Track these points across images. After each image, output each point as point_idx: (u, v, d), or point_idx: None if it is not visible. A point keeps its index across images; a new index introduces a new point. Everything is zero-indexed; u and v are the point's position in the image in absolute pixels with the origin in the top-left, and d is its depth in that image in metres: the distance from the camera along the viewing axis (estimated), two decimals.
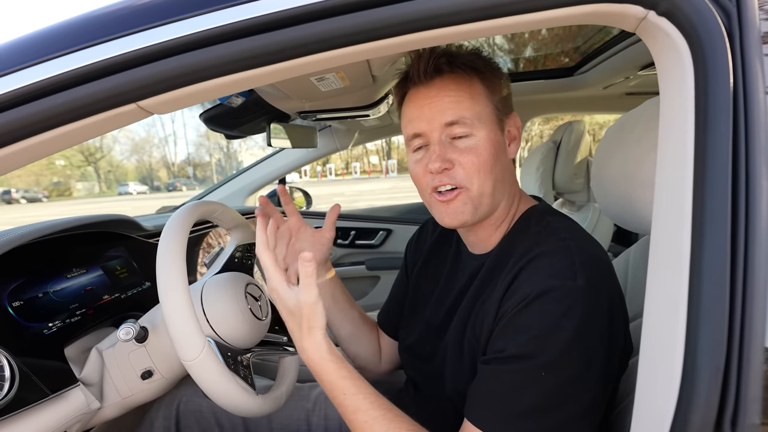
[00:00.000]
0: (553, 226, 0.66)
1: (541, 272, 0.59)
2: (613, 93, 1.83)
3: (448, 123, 0.65)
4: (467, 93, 0.65)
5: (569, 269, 0.58)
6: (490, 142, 0.65)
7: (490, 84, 0.68)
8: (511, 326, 0.59)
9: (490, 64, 0.69)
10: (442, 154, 0.65)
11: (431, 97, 0.66)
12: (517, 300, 0.59)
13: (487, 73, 0.68)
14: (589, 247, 0.63)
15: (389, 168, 37.76)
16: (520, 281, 0.61)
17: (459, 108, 0.65)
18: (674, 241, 0.44)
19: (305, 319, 0.62)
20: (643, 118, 0.67)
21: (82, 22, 0.47)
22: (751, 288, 0.41)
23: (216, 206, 0.85)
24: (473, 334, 0.66)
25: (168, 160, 53.80)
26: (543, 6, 0.44)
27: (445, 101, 0.65)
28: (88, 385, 0.79)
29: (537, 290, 0.58)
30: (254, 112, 1.20)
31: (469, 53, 0.68)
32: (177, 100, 0.49)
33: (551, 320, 0.56)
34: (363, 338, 0.93)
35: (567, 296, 0.56)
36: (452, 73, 0.66)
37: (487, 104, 0.66)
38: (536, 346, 0.56)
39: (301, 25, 0.45)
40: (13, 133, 0.44)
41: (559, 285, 0.57)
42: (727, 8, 0.42)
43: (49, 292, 0.82)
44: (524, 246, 0.64)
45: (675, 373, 0.42)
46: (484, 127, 0.65)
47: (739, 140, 0.42)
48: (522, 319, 0.58)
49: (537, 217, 0.70)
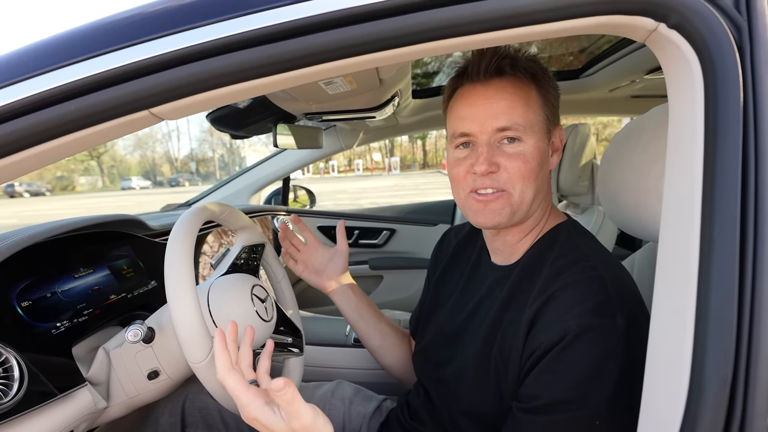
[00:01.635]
0: (582, 249, 0.66)
1: (576, 307, 0.57)
2: (619, 96, 1.83)
3: (500, 128, 0.64)
4: (524, 99, 0.64)
5: (607, 305, 0.56)
6: (537, 150, 0.65)
7: (545, 93, 0.67)
8: (550, 368, 0.57)
9: (547, 74, 0.68)
10: (490, 157, 0.64)
11: (487, 98, 0.65)
12: (553, 338, 0.57)
13: (544, 81, 0.67)
14: (620, 277, 0.62)
15: (392, 165, 37.74)
16: (551, 312, 0.59)
17: (513, 114, 0.64)
18: (682, 250, 0.45)
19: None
20: (650, 125, 0.67)
21: (96, 30, 0.47)
22: (760, 298, 0.41)
23: (223, 208, 0.86)
24: (500, 356, 0.64)
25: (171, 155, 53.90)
26: (557, 17, 0.44)
27: (501, 104, 0.64)
28: (95, 385, 0.80)
29: (576, 329, 0.56)
30: (261, 113, 1.20)
31: (529, 59, 0.67)
32: (189, 107, 0.50)
33: (596, 363, 0.54)
34: (394, 349, 0.92)
35: (609, 336, 0.55)
36: (513, 76, 0.65)
37: (539, 113, 0.66)
38: (582, 392, 0.54)
39: (314, 35, 0.45)
40: (30, 138, 0.45)
41: (599, 324, 0.55)
42: (738, 23, 0.42)
43: (57, 291, 0.83)
44: (553, 268, 0.63)
45: (682, 382, 0.42)
46: (534, 135, 0.65)
47: (749, 153, 0.42)
48: (563, 362, 0.56)
49: (565, 235, 0.69)
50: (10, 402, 0.64)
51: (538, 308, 0.60)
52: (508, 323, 0.65)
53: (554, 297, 0.60)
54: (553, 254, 0.66)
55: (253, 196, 2.15)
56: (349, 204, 13.75)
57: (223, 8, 0.46)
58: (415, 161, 46.19)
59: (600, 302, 0.57)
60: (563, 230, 0.70)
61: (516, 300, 0.66)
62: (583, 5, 0.44)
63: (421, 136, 38.46)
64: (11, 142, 0.45)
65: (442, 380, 0.75)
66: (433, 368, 0.78)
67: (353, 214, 2.36)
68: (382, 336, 0.91)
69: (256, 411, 0.54)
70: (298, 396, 0.54)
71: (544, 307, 0.60)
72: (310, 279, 0.96)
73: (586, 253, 0.65)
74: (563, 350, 0.56)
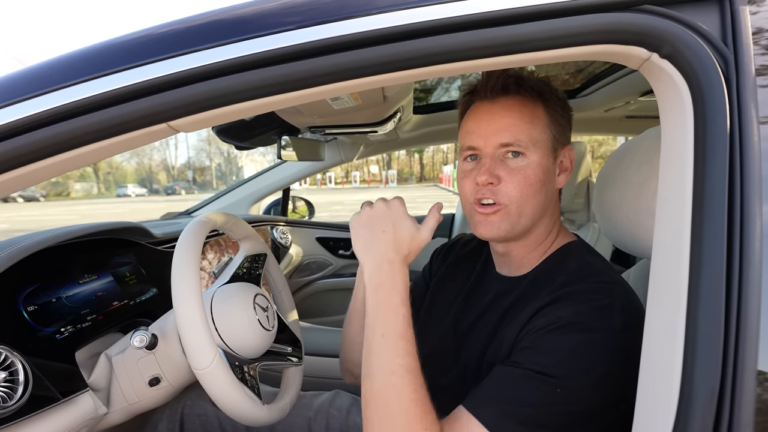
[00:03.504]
0: (595, 267, 0.67)
1: (579, 304, 0.59)
2: (614, 116, 1.87)
3: (503, 143, 0.67)
4: (528, 116, 0.67)
5: (609, 308, 0.58)
6: (540, 167, 0.67)
7: (553, 113, 0.69)
8: (536, 344, 0.59)
9: (556, 94, 0.70)
10: (491, 169, 0.67)
11: (493, 114, 0.68)
12: (547, 321, 0.59)
13: (552, 101, 0.69)
14: (628, 294, 0.63)
15: (389, 178, 37.83)
16: (554, 306, 0.61)
17: (516, 130, 0.66)
18: (673, 267, 0.47)
19: (412, 251, 0.66)
20: (644, 147, 0.70)
21: (118, 46, 0.50)
22: (745, 313, 0.43)
23: (229, 218, 0.88)
24: (493, 355, 0.66)
25: (168, 163, 53.81)
26: (555, 45, 0.47)
27: (505, 121, 0.67)
28: (96, 391, 0.80)
29: (570, 316, 0.58)
30: (266, 126, 1.23)
31: (538, 79, 0.70)
32: (205, 120, 0.52)
33: (582, 350, 0.56)
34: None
35: (600, 330, 0.56)
36: (518, 94, 0.68)
37: (545, 130, 0.68)
38: (560, 369, 0.56)
39: (329, 56, 0.48)
40: (55, 147, 0.47)
41: (595, 318, 0.57)
42: (725, 55, 0.45)
43: (62, 297, 0.84)
44: (563, 279, 0.65)
45: (672, 394, 0.44)
46: (537, 151, 0.67)
47: (735, 175, 0.45)
48: (550, 341, 0.58)
49: (577, 254, 0.70)
50: (14, 406, 0.65)
51: (541, 306, 0.62)
52: (506, 326, 0.67)
53: (561, 297, 0.61)
54: (566, 268, 0.67)
55: (253, 206, 2.16)
56: (346, 216, 13.72)
57: (241, 30, 0.48)
58: (412, 174, 46.39)
59: (602, 305, 0.58)
60: (574, 249, 0.71)
61: (517, 307, 0.67)
62: (581, 35, 0.47)
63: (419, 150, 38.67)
64: (38, 150, 0.47)
65: (444, 388, 0.75)
66: (436, 376, 0.78)
67: None
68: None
69: (407, 218, 0.68)
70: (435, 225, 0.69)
71: (549, 303, 0.62)
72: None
73: (599, 270, 0.66)
74: (552, 331, 0.58)
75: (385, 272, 0.63)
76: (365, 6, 0.48)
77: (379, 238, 0.66)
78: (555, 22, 0.47)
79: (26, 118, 0.47)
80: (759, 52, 0.45)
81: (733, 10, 0.45)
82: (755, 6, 0.46)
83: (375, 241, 0.66)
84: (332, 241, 2.30)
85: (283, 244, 2.04)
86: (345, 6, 0.48)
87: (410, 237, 0.66)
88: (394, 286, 0.63)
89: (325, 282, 2.30)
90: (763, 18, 0.46)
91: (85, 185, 45.89)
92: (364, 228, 0.68)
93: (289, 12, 0.49)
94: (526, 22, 0.47)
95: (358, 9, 0.48)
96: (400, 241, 0.65)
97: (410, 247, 0.66)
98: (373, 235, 0.66)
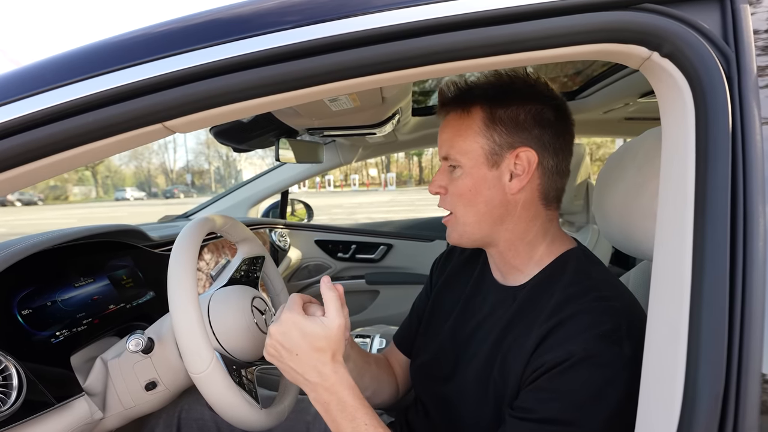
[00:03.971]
0: (595, 278, 0.66)
1: (585, 332, 0.58)
2: (612, 117, 1.87)
3: (443, 157, 0.72)
4: (457, 129, 0.69)
5: (616, 333, 0.57)
6: (471, 177, 0.68)
7: (492, 118, 0.66)
8: (549, 386, 0.58)
9: (505, 96, 0.67)
10: (438, 180, 0.73)
11: (440, 129, 0.73)
12: (558, 358, 0.58)
13: (496, 105, 0.66)
14: (631, 308, 0.62)
15: (388, 181, 37.85)
16: (560, 336, 0.60)
17: (448, 145, 0.70)
18: (676, 269, 0.46)
19: (335, 347, 0.62)
20: (644, 148, 0.70)
21: (113, 46, 0.49)
22: (749, 316, 0.42)
23: (226, 220, 0.87)
24: (500, 376, 0.65)
25: (167, 166, 53.80)
26: (554, 44, 0.47)
27: (443, 136, 0.71)
28: (92, 395, 0.79)
29: (581, 352, 0.56)
30: (264, 128, 1.22)
31: (485, 83, 0.68)
32: (201, 121, 0.51)
33: (596, 388, 0.55)
34: (384, 384, 0.89)
35: (614, 363, 0.56)
36: (456, 107, 0.70)
37: (476, 140, 0.67)
38: (578, 415, 0.55)
39: (325, 55, 0.47)
40: (49, 147, 0.46)
41: (605, 349, 0.56)
42: (727, 53, 0.44)
43: (57, 300, 0.83)
44: (564, 294, 0.64)
45: (676, 399, 0.43)
46: (468, 161, 0.68)
47: (737, 175, 0.44)
48: (563, 382, 0.57)
49: (576, 262, 0.69)
50: (8, 411, 0.64)
51: (547, 331, 0.61)
52: (510, 344, 0.65)
53: (564, 322, 0.60)
54: (565, 280, 0.66)
55: (252, 209, 2.16)
56: (344, 219, 13.75)
57: (237, 29, 0.48)
58: (411, 177, 46.42)
59: (609, 330, 0.57)
60: (573, 257, 0.70)
61: (521, 322, 0.66)
62: (580, 34, 0.46)
63: (418, 152, 38.74)
64: (32, 150, 0.46)
65: (443, 397, 0.75)
66: (435, 383, 0.77)
67: (351, 229, 2.38)
68: (372, 376, 0.86)
69: (300, 318, 0.62)
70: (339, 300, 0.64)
71: (554, 330, 0.60)
72: None
73: (599, 282, 0.65)
74: (565, 371, 0.57)
75: (324, 392, 0.61)
76: (362, 5, 0.48)
77: (298, 363, 0.62)
78: (554, 20, 0.46)
79: (20, 118, 0.46)
80: (760, 51, 0.44)
81: (734, 9, 0.45)
82: (756, 4, 0.45)
83: (296, 368, 0.62)
84: (331, 244, 2.29)
85: (281, 247, 2.03)
86: (342, 5, 0.48)
87: (323, 336, 0.61)
88: (340, 399, 0.61)
89: None
90: (764, 16, 0.46)
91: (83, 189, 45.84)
92: (280, 362, 0.64)
93: (286, 11, 0.49)
94: (524, 21, 0.46)
95: (355, 8, 0.47)
96: (318, 351, 0.61)
97: (330, 344, 0.61)
98: (291, 362, 0.62)
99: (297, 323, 0.61)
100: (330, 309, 0.63)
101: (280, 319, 0.63)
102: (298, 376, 0.62)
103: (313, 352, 0.61)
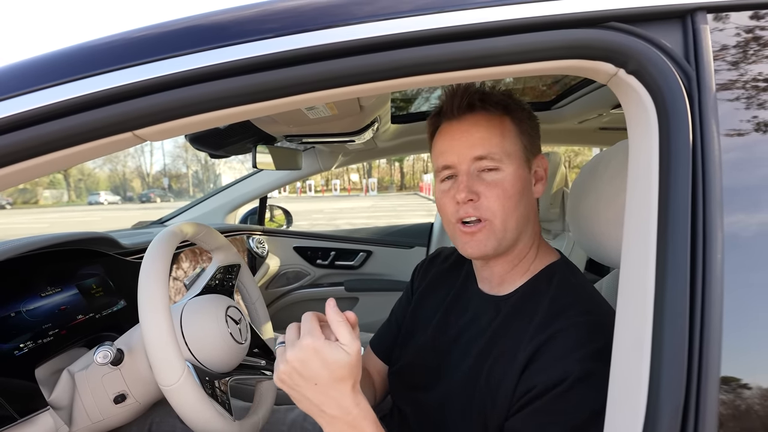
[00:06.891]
0: (580, 293, 0.67)
1: (578, 350, 0.58)
2: (587, 127, 1.92)
3: (477, 157, 0.66)
4: (498, 129, 0.67)
5: (607, 351, 0.56)
6: (516, 177, 0.66)
7: (520, 124, 0.69)
8: (548, 409, 0.57)
9: (521, 106, 0.70)
10: (469, 186, 0.66)
11: (462, 131, 0.68)
12: (553, 379, 0.57)
13: (518, 113, 0.69)
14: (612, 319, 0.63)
15: (369, 186, 37.87)
16: (552, 352, 0.59)
17: (488, 144, 0.66)
18: (640, 279, 0.47)
19: (356, 376, 0.56)
20: (616, 159, 0.72)
21: (81, 53, 0.48)
22: (708, 328, 0.43)
23: (200, 228, 0.86)
24: (488, 387, 0.64)
25: (143, 170, 52.58)
26: (526, 59, 0.48)
27: (475, 136, 0.67)
28: (57, 409, 0.76)
29: (578, 373, 0.56)
30: (241, 134, 1.21)
31: (501, 93, 0.70)
32: (172, 130, 0.51)
33: (596, 408, 0.54)
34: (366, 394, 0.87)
35: (605, 377, 0.55)
36: (484, 110, 0.68)
37: (516, 142, 0.68)
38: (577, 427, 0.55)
39: (298, 66, 0.47)
40: (11, 156, 0.45)
41: (601, 369, 0.55)
42: (688, 72, 0.46)
43: (21, 311, 0.80)
44: (553, 308, 0.64)
45: (639, 409, 0.44)
46: (512, 163, 0.67)
47: (698, 187, 0.46)
48: (562, 405, 0.56)
49: (561, 274, 0.70)
50: None
51: (537, 346, 0.60)
52: (498, 356, 0.65)
53: (555, 337, 0.60)
54: (551, 292, 0.67)
55: (229, 215, 2.13)
56: (325, 224, 13.67)
57: (208, 38, 0.47)
58: (392, 183, 46.57)
59: (601, 347, 0.57)
60: (558, 269, 0.71)
61: (508, 334, 0.66)
62: (551, 50, 0.48)
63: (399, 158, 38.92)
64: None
65: (421, 405, 0.74)
66: (411, 391, 0.77)
67: (330, 235, 2.36)
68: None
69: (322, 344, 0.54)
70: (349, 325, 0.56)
71: (544, 346, 0.60)
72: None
73: (585, 296, 0.66)
74: (563, 393, 0.56)
75: (344, 427, 0.56)
76: (341, 16, 0.48)
77: (315, 394, 0.55)
78: (527, 36, 0.47)
79: None
80: (719, 69, 0.46)
81: (695, 29, 0.47)
82: (716, 24, 0.48)
83: (313, 399, 0.55)
84: (310, 251, 2.28)
85: (259, 253, 2.00)
86: (320, 16, 0.48)
87: (346, 364, 0.54)
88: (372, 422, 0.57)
89: (303, 292, 2.27)
90: (723, 36, 0.48)
91: (54, 192, 44.34)
92: (293, 390, 0.56)
93: (265, 19, 0.48)
94: (498, 36, 0.47)
95: (334, 19, 0.48)
96: (339, 381, 0.54)
97: (351, 373, 0.55)
98: (308, 392, 0.55)
99: (319, 350, 0.54)
100: (343, 333, 0.55)
101: (301, 345, 0.54)
102: (314, 408, 0.56)
103: (333, 383, 0.54)
